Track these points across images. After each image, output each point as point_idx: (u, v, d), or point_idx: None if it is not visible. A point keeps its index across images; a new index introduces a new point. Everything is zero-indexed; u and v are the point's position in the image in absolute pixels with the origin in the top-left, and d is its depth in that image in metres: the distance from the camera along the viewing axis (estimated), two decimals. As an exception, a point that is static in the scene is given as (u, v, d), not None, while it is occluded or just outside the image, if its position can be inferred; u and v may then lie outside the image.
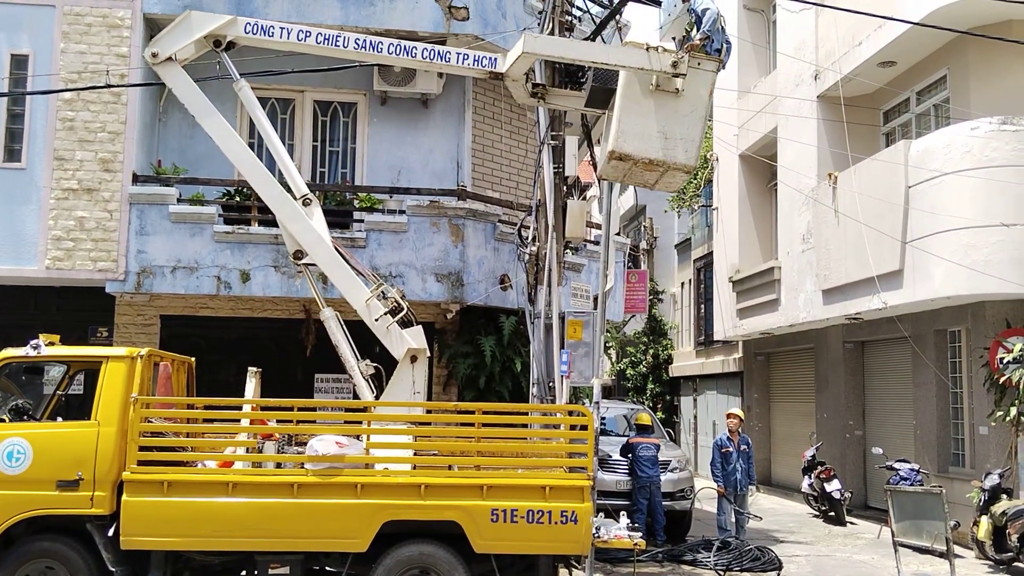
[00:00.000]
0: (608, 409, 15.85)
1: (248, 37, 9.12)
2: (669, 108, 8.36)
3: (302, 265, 9.33)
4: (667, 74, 8.25)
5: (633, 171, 8.57)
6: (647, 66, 8.23)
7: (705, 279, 25.73)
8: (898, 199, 13.68)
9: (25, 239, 11.83)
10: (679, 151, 8.37)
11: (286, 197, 9.23)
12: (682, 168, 8.46)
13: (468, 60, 9.11)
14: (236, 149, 9.29)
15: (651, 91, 8.34)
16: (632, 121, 8.34)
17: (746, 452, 13.12)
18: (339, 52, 9.20)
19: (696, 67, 8.36)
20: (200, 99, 9.24)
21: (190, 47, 9.15)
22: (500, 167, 13.98)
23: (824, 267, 16.26)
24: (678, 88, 8.33)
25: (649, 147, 8.34)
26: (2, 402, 8.43)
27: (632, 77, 8.38)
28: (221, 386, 11.90)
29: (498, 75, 9.17)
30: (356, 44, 9.11)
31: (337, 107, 13.47)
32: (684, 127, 8.38)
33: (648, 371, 28.92)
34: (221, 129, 9.27)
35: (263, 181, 9.24)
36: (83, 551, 7.75)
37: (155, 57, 9.10)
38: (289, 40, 9.10)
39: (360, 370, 8.93)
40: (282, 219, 9.24)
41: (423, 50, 9.09)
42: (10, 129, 12.02)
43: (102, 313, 12.64)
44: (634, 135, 8.32)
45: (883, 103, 16.82)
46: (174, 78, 9.18)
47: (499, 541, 7.72)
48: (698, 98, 8.42)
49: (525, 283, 11.42)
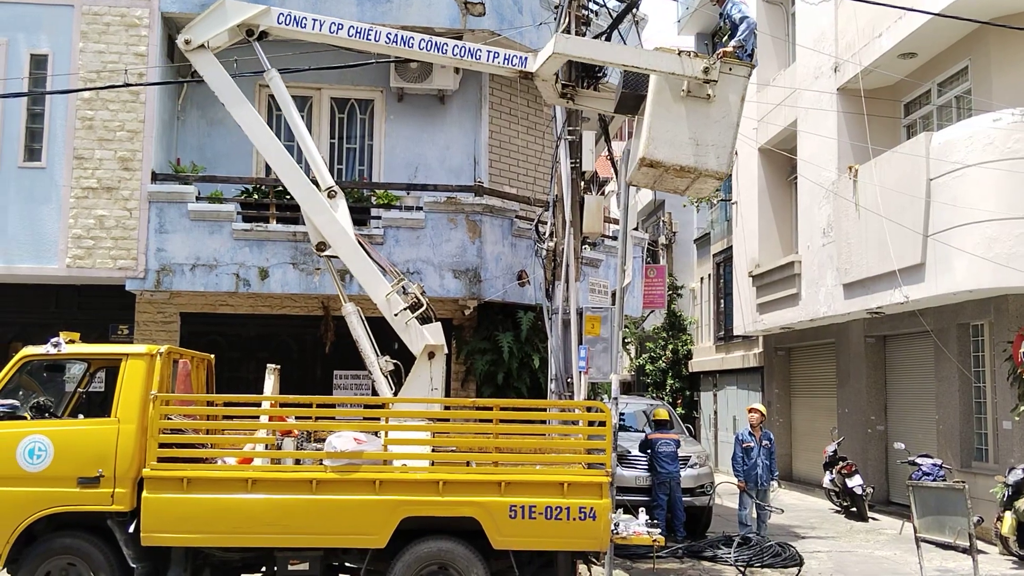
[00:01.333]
0: (627, 405, 15.80)
1: (281, 27, 9.14)
2: (700, 114, 8.28)
3: (324, 257, 9.36)
4: (698, 80, 8.17)
5: (664, 177, 8.51)
6: (678, 71, 8.15)
7: (724, 274, 25.60)
8: (919, 192, 13.55)
9: (46, 238, 11.91)
10: (711, 158, 8.29)
11: (312, 188, 9.26)
12: (714, 175, 8.38)
13: (499, 59, 9.11)
14: (264, 139, 9.33)
15: (682, 97, 8.25)
16: (663, 127, 8.26)
17: (768, 447, 13.01)
18: (370, 46, 9.22)
19: (728, 72, 8.28)
20: (231, 88, 9.26)
21: (223, 35, 9.18)
22: (517, 163, 13.96)
23: (845, 261, 16.13)
24: (709, 94, 8.24)
25: (680, 154, 8.26)
26: (24, 400, 8.49)
27: (663, 83, 8.29)
28: (240, 383, 11.97)
29: (528, 75, 9.16)
30: (387, 39, 9.13)
31: (354, 104, 13.49)
32: (716, 133, 8.30)
33: (667, 366, 28.83)
34: (251, 119, 9.31)
35: (290, 172, 9.27)
36: (104, 547, 7.79)
37: (188, 44, 9.14)
38: (321, 32, 9.12)
39: (380, 366, 8.94)
40: (307, 210, 9.26)
41: (454, 47, 9.08)
42: (30, 128, 12.11)
43: (122, 311, 12.72)
44: (665, 141, 8.24)
45: (904, 95, 16.66)
46: (206, 66, 9.22)
47: (517, 537, 7.70)
48: (730, 104, 8.33)
49: (542, 279, 11.39)
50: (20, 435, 7.81)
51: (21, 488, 7.68)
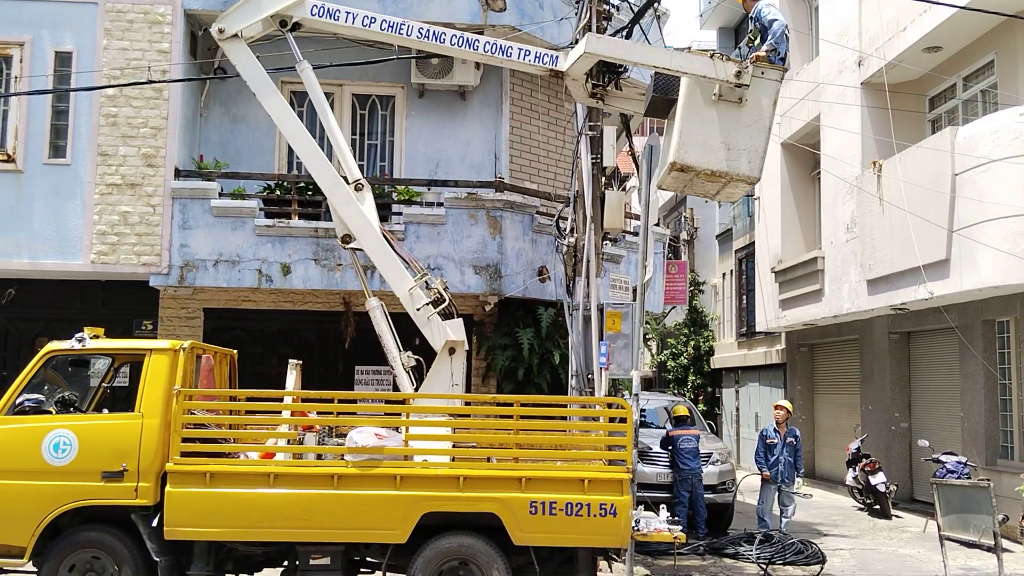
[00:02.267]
0: (648, 401, 15.76)
1: (314, 19, 9.16)
2: (732, 118, 8.21)
3: (349, 250, 9.39)
4: (730, 84, 8.11)
5: (695, 182, 8.45)
6: (710, 74, 8.09)
7: (747, 269, 25.47)
8: (944, 187, 13.42)
9: (70, 234, 12.02)
10: (742, 162, 8.23)
11: (339, 181, 9.29)
12: (746, 180, 8.32)
13: (529, 56, 9.10)
14: (294, 130, 9.36)
15: (713, 101, 8.19)
16: (694, 131, 8.20)
17: (793, 444, 12.97)
18: (402, 40, 9.22)
19: (760, 76, 8.21)
20: (263, 78, 9.29)
21: (257, 25, 9.21)
22: (538, 158, 13.94)
23: (869, 257, 16.01)
24: (741, 98, 8.17)
25: (711, 158, 8.20)
26: (49, 394, 8.57)
27: (695, 87, 8.23)
28: (263, 378, 12.03)
29: (558, 73, 9.14)
30: (420, 33, 9.12)
31: (375, 100, 13.52)
32: (747, 137, 8.23)
33: (689, 363, 28.73)
34: (281, 110, 9.34)
35: (318, 163, 9.30)
36: (128, 541, 7.86)
37: (221, 33, 9.17)
38: (354, 25, 9.14)
39: (402, 362, 8.96)
40: (333, 202, 9.29)
41: (485, 43, 9.07)
42: (55, 126, 12.22)
43: (146, 306, 12.83)
44: (696, 146, 8.18)
45: (929, 89, 16.49)
46: (239, 55, 9.25)
47: (538, 533, 7.70)
48: (762, 108, 8.26)
49: (563, 275, 11.38)
50: (45, 429, 7.89)
51: (46, 482, 7.75)
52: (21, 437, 7.88)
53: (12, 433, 7.93)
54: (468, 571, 7.77)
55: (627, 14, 12.71)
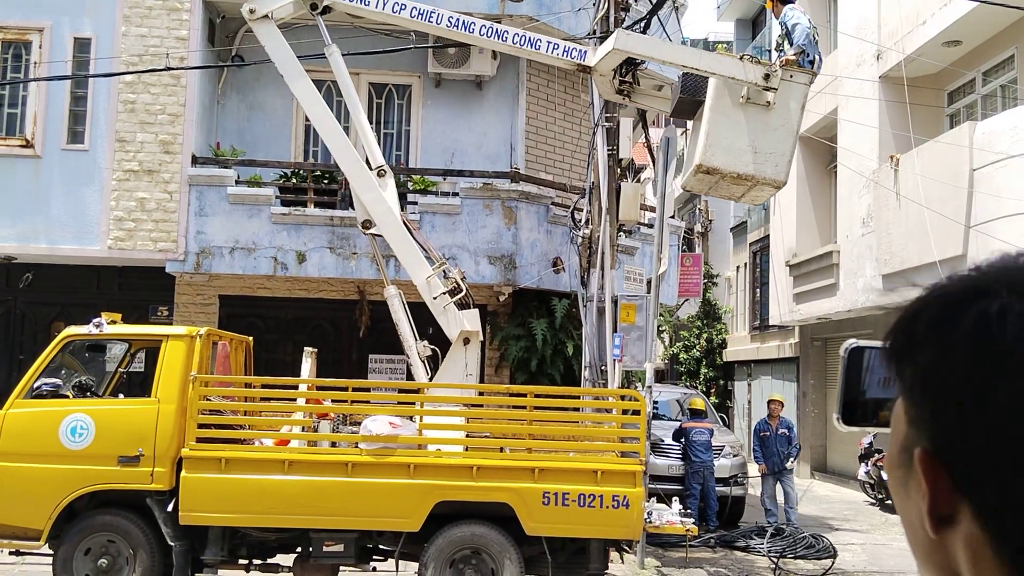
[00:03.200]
0: (660, 393, 15.76)
1: (345, 3, 9.18)
2: (759, 121, 8.17)
3: (369, 235, 9.42)
4: (758, 87, 8.08)
5: (720, 184, 8.43)
6: (739, 75, 8.05)
7: (761, 263, 25.39)
8: (962, 182, 13.33)
9: (88, 220, 12.08)
10: (769, 166, 8.19)
11: (362, 166, 9.31)
12: (772, 183, 8.28)
13: (558, 50, 9.08)
14: (320, 114, 9.39)
15: (741, 103, 8.14)
16: (721, 134, 8.17)
17: (786, 435, 13.28)
18: (431, 28, 9.23)
19: (788, 80, 8.18)
20: (292, 60, 9.31)
21: (288, 7, 9.24)
22: (554, 149, 13.92)
23: (885, 251, 15.93)
24: (769, 101, 8.14)
25: (738, 161, 8.17)
26: (66, 379, 8.64)
27: (723, 89, 8.20)
28: (277, 365, 12.09)
29: (586, 69, 9.11)
30: (449, 22, 9.12)
31: (392, 89, 13.52)
32: (775, 141, 8.19)
33: (702, 355, 28.68)
34: (309, 93, 9.36)
35: (342, 148, 9.33)
36: (143, 525, 7.92)
37: (252, 13, 9.21)
38: (383, 11, 9.15)
39: (418, 351, 8.99)
40: (356, 187, 9.33)
41: (514, 35, 9.06)
42: (73, 112, 12.27)
43: (162, 292, 12.89)
44: (722, 148, 8.15)
45: (947, 84, 16.38)
46: (268, 36, 9.28)
47: (550, 524, 7.73)
48: (789, 111, 8.21)
49: (578, 266, 11.38)
50: (63, 413, 7.95)
51: (63, 466, 7.82)
52: (39, 421, 7.95)
53: (30, 417, 7.99)
54: (480, 560, 7.80)
55: (645, 5, 12.65)
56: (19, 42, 12.31)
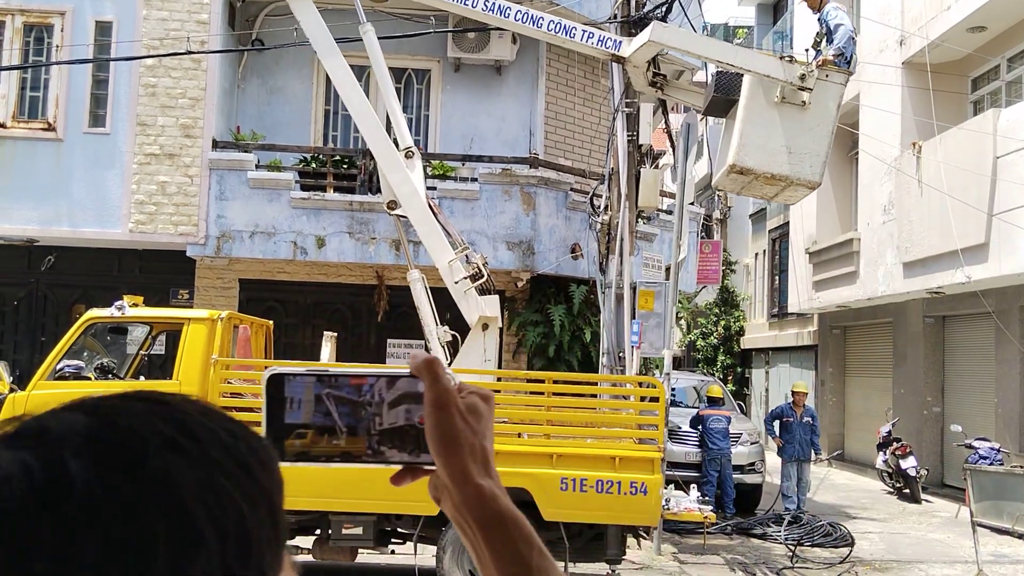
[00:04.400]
0: (678, 380, 15.74)
1: None
2: (794, 121, 8.09)
3: (394, 216, 9.44)
4: (794, 86, 8.01)
5: (753, 184, 8.36)
6: (775, 74, 7.98)
7: (780, 250, 25.27)
8: (985, 170, 13.21)
9: (109, 203, 12.16)
10: (804, 166, 8.11)
11: (390, 146, 9.33)
12: (807, 184, 8.21)
13: (593, 39, 9.07)
14: (351, 91, 9.41)
15: (776, 103, 8.06)
16: (755, 133, 8.09)
17: (810, 423, 13.31)
18: (467, 11, 9.22)
19: (824, 80, 8.10)
20: (326, 37, 9.32)
21: None
22: (573, 135, 13.88)
23: (906, 239, 15.82)
24: (804, 101, 8.05)
25: (772, 161, 8.09)
26: (88, 361, 8.71)
27: (757, 88, 8.12)
28: (297, 349, 12.16)
29: (620, 59, 9.07)
30: (485, 5, 9.11)
31: (411, 74, 13.50)
32: (810, 141, 8.11)
33: (719, 342, 28.61)
34: (341, 70, 9.37)
35: (371, 127, 9.35)
36: (164, 507, 7.97)
37: None
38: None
39: (438, 335, 9.01)
40: (383, 167, 9.34)
41: (549, 22, 9.05)
42: (95, 95, 12.33)
43: (183, 276, 12.97)
44: (756, 148, 8.07)
45: (971, 70, 16.21)
46: (305, 12, 9.29)
47: (568, 510, 7.74)
48: (825, 111, 8.13)
49: (596, 252, 11.36)
50: (84, 396, 8.00)
51: (86, 447, 7.88)
52: (61, 403, 8.01)
53: (52, 399, 7.97)
54: (498, 545, 7.82)
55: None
56: (41, 25, 12.36)
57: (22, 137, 12.21)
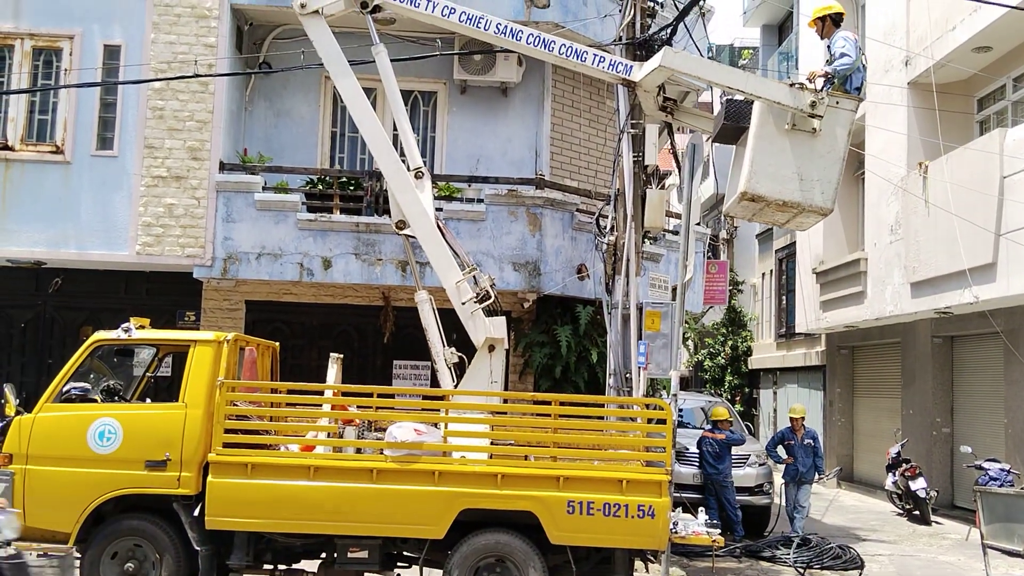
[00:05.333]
0: (685, 401, 15.66)
1: (395, 3, 9.30)
2: (805, 148, 8.10)
3: (403, 236, 9.48)
4: (804, 113, 8.02)
5: (765, 211, 8.38)
6: (785, 101, 8.00)
7: (787, 270, 25.23)
8: (992, 189, 13.19)
9: (117, 225, 12.19)
10: (816, 193, 8.13)
11: (400, 166, 9.38)
12: (819, 211, 8.22)
13: (604, 63, 9.15)
14: (363, 111, 9.47)
15: (787, 130, 8.08)
16: (766, 161, 8.11)
17: (811, 446, 13.28)
18: (478, 33, 9.31)
19: (834, 106, 8.10)
20: (339, 57, 9.40)
21: (338, 3, 9.37)
22: (579, 156, 13.90)
23: (913, 259, 15.79)
24: (815, 128, 8.07)
25: (784, 188, 8.10)
26: (95, 383, 8.71)
27: (767, 115, 8.14)
28: (303, 371, 12.15)
29: (631, 84, 9.12)
30: (497, 29, 9.22)
31: (418, 96, 13.55)
32: (821, 168, 8.13)
33: (726, 363, 28.52)
34: (353, 90, 9.44)
35: (382, 148, 9.41)
36: (169, 530, 7.96)
37: (303, 8, 9.33)
38: (433, 14, 9.26)
39: (445, 357, 8.99)
40: (392, 187, 9.39)
41: (560, 45, 9.14)
42: (103, 118, 12.39)
43: (190, 297, 12.98)
44: (768, 175, 8.09)
45: (977, 90, 16.22)
46: (318, 32, 9.39)
47: (575, 533, 7.70)
48: (836, 138, 8.16)
49: (602, 273, 11.34)
50: (91, 418, 8.01)
51: (91, 469, 7.88)
52: (68, 425, 8.02)
53: (59, 421, 8.06)
54: (505, 568, 7.78)
55: (671, 11, 12.61)
56: (50, 49, 12.45)
57: (30, 160, 12.27)
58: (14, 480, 7.86)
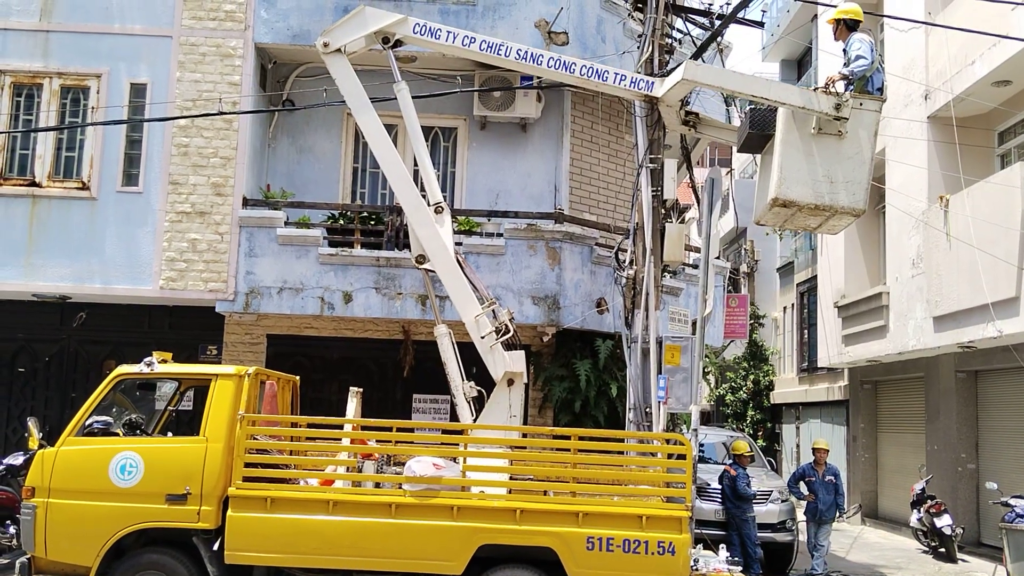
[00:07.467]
0: (706, 436, 15.56)
1: (416, 37, 9.45)
2: (832, 150, 8.19)
3: (423, 270, 9.54)
4: (829, 116, 8.10)
5: (796, 216, 8.45)
6: (809, 105, 8.09)
7: (808, 304, 25.10)
8: (1014, 223, 13.12)
9: (141, 260, 12.34)
10: (846, 195, 8.21)
11: (420, 201, 9.48)
12: (850, 212, 8.30)
13: (625, 81, 9.27)
14: (384, 148, 9.61)
15: (812, 134, 8.18)
16: (794, 166, 8.19)
17: (832, 483, 13.11)
18: (500, 60, 9.46)
19: (859, 108, 8.17)
20: (360, 94, 9.55)
21: (360, 41, 9.52)
22: (598, 190, 13.96)
23: (935, 293, 15.69)
24: (840, 130, 8.15)
25: (814, 192, 8.19)
26: (117, 417, 8.78)
27: (791, 121, 8.23)
28: (323, 404, 12.19)
29: (653, 99, 9.20)
30: (517, 55, 9.36)
31: (438, 132, 13.69)
32: (849, 170, 8.22)
33: (748, 397, 28.32)
34: (374, 126, 9.59)
35: (402, 183, 9.53)
36: (189, 564, 7.98)
37: (326, 47, 9.48)
38: (454, 44, 9.42)
39: (464, 391, 9.01)
40: (412, 222, 9.49)
41: (582, 67, 9.28)
42: (128, 155, 12.58)
43: (212, 332, 13.08)
44: (797, 180, 8.17)
45: (997, 124, 16.18)
46: (340, 70, 9.54)
47: (594, 570, 7.65)
48: (861, 139, 8.23)
49: (622, 307, 11.34)
50: (113, 451, 8.08)
51: (112, 503, 7.94)
52: (90, 458, 8.08)
53: (81, 454, 8.13)
54: (523, 605, 7.73)
55: (689, 48, 12.72)
56: (78, 87, 12.68)
57: (57, 196, 12.46)
58: (36, 513, 7.92)
